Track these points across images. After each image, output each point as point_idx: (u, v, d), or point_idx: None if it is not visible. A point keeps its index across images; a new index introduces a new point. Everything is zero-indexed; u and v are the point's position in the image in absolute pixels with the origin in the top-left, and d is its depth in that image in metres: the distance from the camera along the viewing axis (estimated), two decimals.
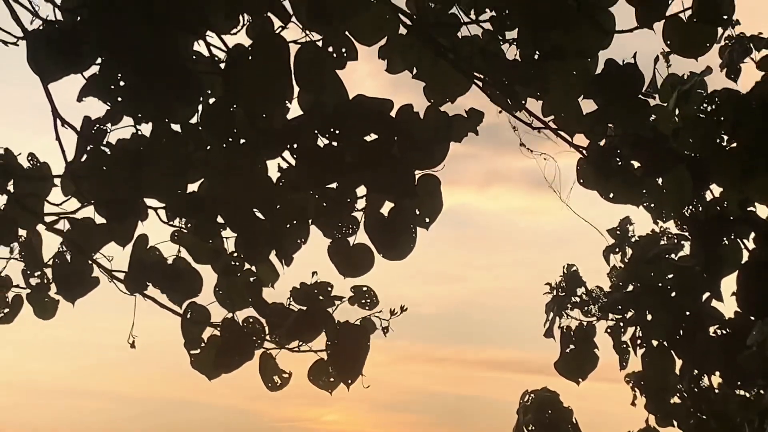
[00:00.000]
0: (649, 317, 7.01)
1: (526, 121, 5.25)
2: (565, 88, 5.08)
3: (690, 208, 5.91)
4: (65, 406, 19.93)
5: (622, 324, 7.18)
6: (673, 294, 6.96)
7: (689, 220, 5.99)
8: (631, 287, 7.31)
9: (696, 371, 7.12)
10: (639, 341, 7.03)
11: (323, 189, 4.79)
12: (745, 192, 5.36)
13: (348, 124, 4.63)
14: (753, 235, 5.76)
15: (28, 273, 5.56)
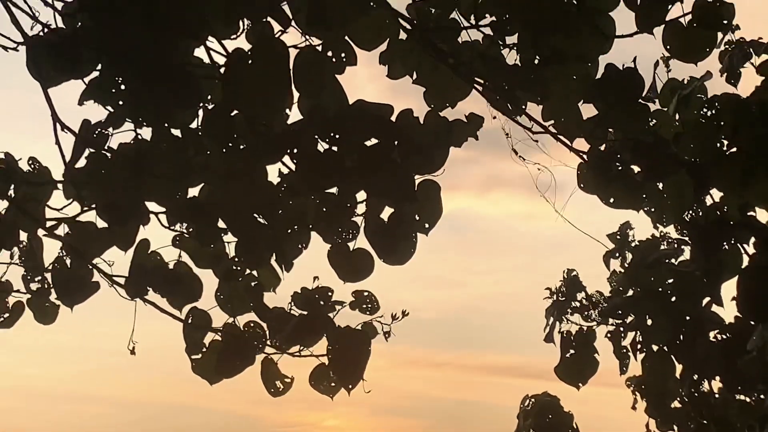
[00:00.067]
0: (650, 322, 7.00)
1: (526, 126, 5.26)
2: (565, 92, 5.09)
3: (690, 212, 5.89)
4: (66, 410, 19.91)
5: (622, 329, 7.16)
6: (674, 299, 6.94)
7: (689, 224, 5.98)
8: (631, 292, 7.29)
9: (696, 376, 7.10)
10: (639, 346, 7.02)
11: (323, 194, 4.80)
12: (745, 197, 5.35)
13: (348, 129, 4.63)
14: (753, 239, 5.75)
15: (28, 278, 5.56)
